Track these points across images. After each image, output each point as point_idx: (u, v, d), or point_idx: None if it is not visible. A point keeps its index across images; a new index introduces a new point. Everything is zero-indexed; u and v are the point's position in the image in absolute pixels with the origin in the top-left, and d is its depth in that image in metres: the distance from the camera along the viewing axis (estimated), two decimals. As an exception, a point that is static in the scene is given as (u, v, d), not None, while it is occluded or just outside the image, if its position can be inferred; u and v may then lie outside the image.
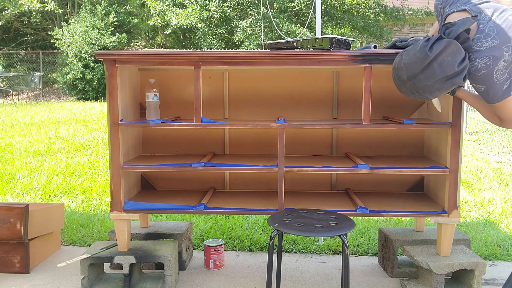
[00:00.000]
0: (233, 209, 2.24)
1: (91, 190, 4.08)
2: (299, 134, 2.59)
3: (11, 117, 9.18)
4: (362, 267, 2.60)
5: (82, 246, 2.91)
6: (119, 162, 2.18)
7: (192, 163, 2.23)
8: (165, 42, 16.54)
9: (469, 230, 3.12)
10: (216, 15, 13.53)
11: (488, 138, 6.70)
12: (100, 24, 13.49)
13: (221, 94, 2.58)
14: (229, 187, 2.64)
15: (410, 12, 14.59)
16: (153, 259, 2.21)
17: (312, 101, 2.55)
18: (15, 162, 5.11)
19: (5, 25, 15.72)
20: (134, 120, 2.40)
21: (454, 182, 2.13)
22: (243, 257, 2.75)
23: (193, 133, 2.62)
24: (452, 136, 2.11)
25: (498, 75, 1.64)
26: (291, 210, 2.04)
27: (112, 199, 2.20)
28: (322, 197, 2.47)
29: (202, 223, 3.20)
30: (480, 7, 1.70)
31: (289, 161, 2.32)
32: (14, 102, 13.02)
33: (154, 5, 13.78)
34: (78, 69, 13.15)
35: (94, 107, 11.09)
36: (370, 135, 2.57)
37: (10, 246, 2.48)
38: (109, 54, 2.11)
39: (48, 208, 2.68)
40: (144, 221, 2.62)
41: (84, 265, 2.20)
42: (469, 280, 2.20)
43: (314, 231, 1.76)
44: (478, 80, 1.68)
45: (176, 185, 2.64)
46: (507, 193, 4.08)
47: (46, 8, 14.20)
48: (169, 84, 2.58)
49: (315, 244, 2.86)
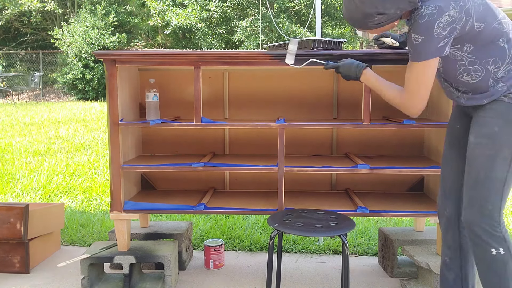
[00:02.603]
0: (233, 209, 2.24)
1: (91, 190, 4.08)
2: (299, 134, 2.59)
3: (11, 117, 9.18)
4: (362, 267, 2.60)
5: (82, 246, 2.91)
6: (119, 162, 2.18)
7: (192, 163, 2.23)
8: (165, 42, 16.54)
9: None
10: (216, 15, 13.54)
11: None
12: (100, 24, 13.50)
13: (221, 94, 2.58)
14: (229, 187, 2.64)
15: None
16: (153, 259, 2.21)
17: (312, 101, 2.55)
18: (15, 162, 5.12)
19: (5, 25, 15.73)
20: (134, 120, 2.40)
21: (454, 182, 2.13)
22: (243, 257, 2.75)
23: (193, 133, 2.62)
24: (452, 136, 2.10)
25: (439, 28, 1.56)
26: (291, 210, 2.04)
27: (112, 199, 2.20)
28: (322, 197, 2.47)
29: (202, 223, 3.20)
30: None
31: (289, 161, 2.32)
32: (14, 102, 13.02)
33: (154, 5, 13.79)
34: (78, 69, 13.16)
35: (94, 107, 11.09)
36: (370, 135, 2.57)
37: (10, 246, 2.48)
38: (109, 54, 2.11)
39: (48, 208, 2.68)
40: (144, 221, 2.62)
41: (84, 265, 2.20)
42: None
43: (314, 231, 1.76)
44: (418, 29, 1.59)
45: (176, 185, 2.64)
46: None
47: (46, 8, 14.20)
48: (169, 84, 2.58)
49: (315, 244, 2.86)
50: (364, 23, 1.69)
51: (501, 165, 1.60)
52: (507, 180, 1.62)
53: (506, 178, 1.61)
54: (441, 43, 1.58)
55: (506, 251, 1.62)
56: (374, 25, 1.68)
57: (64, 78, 13.54)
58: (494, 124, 1.62)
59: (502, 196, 1.63)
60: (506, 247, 1.62)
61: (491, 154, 1.61)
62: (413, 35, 1.61)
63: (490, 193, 1.62)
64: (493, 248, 1.62)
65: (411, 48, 1.64)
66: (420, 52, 1.62)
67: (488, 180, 1.62)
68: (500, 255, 1.62)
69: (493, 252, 1.62)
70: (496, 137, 1.60)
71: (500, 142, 1.60)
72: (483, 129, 1.65)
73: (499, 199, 1.62)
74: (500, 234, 1.62)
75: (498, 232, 1.62)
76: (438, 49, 1.60)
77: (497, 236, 1.62)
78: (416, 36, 1.60)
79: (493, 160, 1.61)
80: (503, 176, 1.61)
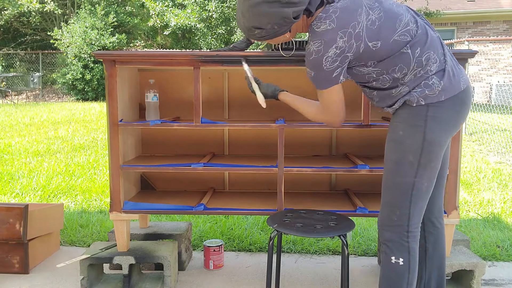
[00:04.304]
0: (233, 210, 2.24)
1: (91, 190, 4.07)
2: (299, 135, 2.59)
3: (10, 117, 9.17)
4: (362, 267, 2.60)
5: (81, 247, 2.91)
6: (119, 162, 2.18)
7: (191, 163, 2.23)
8: (165, 42, 16.54)
9: (469, 231, 3.12)
10: (216, 15, 13.53)
11: (487, 139, 6.71)
12: (99, 25, 13.48)
13: (221, 94, 2.58)
14: (229, 187, 2.64)
15: (410, 12, 14.57)
16: (153, 259, 2.21)
17: (311, 101, 2.55)
18: (14, 163, 5.11)
19: (5, 25, 15.72)
20: (134, 121, 2.40)
21: (453, 182, 2.13)
22: (242, 257, 2.75)
23: (193, 134, 2.62)
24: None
25: (328, 62, 1.54)
26: (290, 211, 2.04)
27: (112, 199, 2.20)
28: (321, 197, 2.47)
29: (202, 223, 3.20)
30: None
31: (289, 162, 2.32)
32: (13, 103, 13.01)
33: (154, 6, 13.78)
34: (77, 69, 13.15)
35: (93, 107, 11.08)
36: (369, 136, 2.57)
37: (10, 247, 2.48)
38: (109, 54, 2.11)
39: (48, 208, 2.68)
40: (143, 221, 2.62)
41: (84, 265, 2.20)
42: (468, 280, 2.20)
43: (314, 232, 1.76)
44: (308, 64, 1.59)
45: (175, 185, 2.64)
46: (507, 193, 4.08)
47: (46, 8, 14.19)
48: (169, 84, 2.58)
49: (315, 244, 2.86)
50: (249, 35, 1.69)
51: (407, 170, 1.56)
52: (416, 186, 1.57)
53: (414, 183, 1.56)
54: (334, 74, 1.57)
55: (405, 262, 1.57)
56: (257, 37, 1.68)
57: (63, 79, 13.52)
58: (399, 129, 1.60)
59: (411, 203, 1.57)
60: (407, 259, 1.58)
61: (397, 158, 1.59)
62: (307, 68, 1.62)
63: (397, 199, 1.59)
64: (394, 256, 1.58)
65: (311, 80, 1.64)
66: (317, 83, 1.63)
67: (394, 185, 1.59)
68: (398, 266, 1.58)
69: (392, 260, 1.59)
70: (401, 141, 1.58)
71: (404, 147, 1.57)
72: (390, 134, 1.64)
73: (407, 205, 1.57)
74: (406, 243, 1.58)
75: (403, 241, 1.58)
76: (333, 79, 1.59)
77: (401, 245, 1.58)
78: (308, 70, 1.61)
79: (398, 164, 1.58)
80: (410, 182, 1.56)
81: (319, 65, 1.56)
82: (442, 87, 1.55)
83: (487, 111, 8.46)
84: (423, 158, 1.55)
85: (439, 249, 1.82)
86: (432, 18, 14.00)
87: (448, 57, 1.60)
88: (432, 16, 13.87)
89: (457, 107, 1.58)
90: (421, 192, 1.58)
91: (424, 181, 1.58)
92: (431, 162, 1.57)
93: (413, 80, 1.57)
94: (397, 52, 1.55)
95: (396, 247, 1.59)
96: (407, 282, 1.58)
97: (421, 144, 1.55)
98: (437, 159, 1.58)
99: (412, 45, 1.55)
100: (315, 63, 1.56)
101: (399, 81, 1.59)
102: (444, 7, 15.07)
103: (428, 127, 1.55)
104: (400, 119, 1.61)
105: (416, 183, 1.57)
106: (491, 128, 6.93)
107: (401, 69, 1.56)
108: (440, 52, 1.59)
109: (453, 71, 1.59)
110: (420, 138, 1.55)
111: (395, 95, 1.61)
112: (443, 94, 1.55)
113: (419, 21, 1.61)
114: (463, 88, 1.59)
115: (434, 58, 1.56)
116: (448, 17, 15.35)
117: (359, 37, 1.52)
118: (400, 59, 1.55)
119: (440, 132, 1.56)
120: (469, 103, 1.62)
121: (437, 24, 15.85)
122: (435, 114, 1.55)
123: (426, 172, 1.57)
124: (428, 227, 1.81)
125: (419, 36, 1.56)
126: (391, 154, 1.61)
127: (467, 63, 2.12)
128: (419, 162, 1.56)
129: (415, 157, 1.55)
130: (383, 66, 1.58)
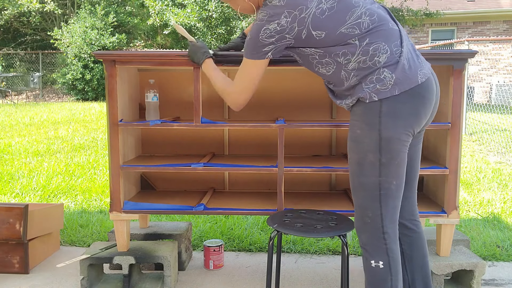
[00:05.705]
0: (233, 210, 2.24)
1: (91, 190, 4.08)
2: (299, 135, 2.59)
3: (10, 117, 9.17)
4: (362, 267, 2.60)
5: (81, 247, 2.91)
6: (119, 162, 2.18)
7: (191, 163, 2.23)
8: (165, 42, 16.54)
9: (469, 231, 3.12)
10: (215, 15, 13.53)
11: (487, 139, 6.71)
12: (99, 25, 13.49)
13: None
14: (229, 187, 2.64)
15: (410, 13, 14.59)
16: (153, 259, 2.21)
17: (311, 101, 2.55)
18: (14, 163, 5.11)
19: (5, 25, 15.73)
20: (134, 121, 2.40)
21: (453, 182, 2.13)
22: (242, 257, 2.75)
23: (193, 134, 2.62)
24: (451, 136, 2.11)
25: (265, 34, 1.53)
26: (290, 211, 2.04)
27: (112, 199, 2.20)
28: (321, 197, 2.47)
29: (202, 223, 3.20)
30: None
31: (289, 162, 2.32)
32: (13, 103, 13.01)
33: (153, 5, 13.78)
34: (77, 69, 13.16)
35: (93, 107, 11.09)
36: (369, 136, 2.57)
37: (9, 247, 2.48)
38: (109, 54, 2.11)
39: (48, 208, 2.68)
40: (143, 221, 2.62)
41: (84, 265, 2.20)
42: (468, 280, 2.20)
43: (314, 232, 1.76)
44: (251, 28, 1.59)
45: (175, 185, 2.64)
46: (507, 193, 4.08)
47: (46, 8, 14.19)
48: (169, 84, 2.58)
49: (315, 244, 2.86)
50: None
51: (370, 170, 1.51)
52: (383, 185, 1.50)
53: (379, 183, 1.50)
54: (265, 48, 1.56)
55: (386, 265, 1.52)
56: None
57: (63, 79, 13.53)
58: (357, 127, 1.55)
59: (382, 203, 1.51)
60: (387, 261, 1.52)
61: (358, 159, 1.53)
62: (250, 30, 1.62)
63: (366, 200, 1.54)
64: (373, 259, 1.54)
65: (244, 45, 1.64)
66: (246, 48, 1.62)
67: (361, 186, 1.54)
68: (379, 269, 1.53)
69: (372, 264, 1.54)
70: (359, 140, 1.53)
71: (363, 146, 1.51)
72: (350, 133, 1.59)
73: (377, 206, 1.52)
74: (383, 245, 1.53)
75: (381, 243, 1.53)
76: (262, 52, 1.58)
77: (379, 247, 1.53)
78: (250, 33, 1.61)
79: (361, 165, 1.52)
80: (375, 181, 1.50)
81: (256, 33, 1.56)
82: (394, 80, 1.47)
83: (487, 111, 8.47)
84: (384, 156, 1.49)
85: (417, 249, 1.74)
86: (433, 18, 14.01)
87: (405, 49, 1.52)
88: (432, 16, 13.88)
89: (414, 101, 1.49)
90: (391, 191, 1.52)
91: (391, 179, 1.51)
92: (394, 159, 1.49)
93: (359, 70, 1.51)
94: (343, 43, 1.51)
95: (374, 250, 1.54)
96: (390, 285, 1.53)
97: (378, 143, 1.49)
98: (400, 155, 1.50)
99: (361, 37, 1.50)
100: (255, 29, 1.57)
101: (342, 67, 1.53)
102: (444, 7, 15.09)
103: (383, 124, 1.48)
104: (356, 116, 1.55)
105: (382, 182, 1.50)
106: (491, 128, 6.93)
107: (345, 55, 1.51)
108: (396, 43, 1.51)
109: (409, 64, 1.50)
110: (376, 137, 1.49)
111: (347, 89, 1.56)
112: (397, 88, 1.48)
113: (380, 13, 1.55)
114: (421, 82, 1.50)
115: (384, 49, 1.49)
116: (448, 17, 15.37)
117: (302, 22, 1.50)
118: (345, 47, 1.51)
119: (397, 128, 1.48)
120: (429, 96, 1.53)
121: (437, 24, 15.87)
122: (389, 109, 1.48)
123: (390, 171, 1.50)
124: (401, 229, 1.72)
125: (372, 29, 1.50)
126: (353, 154, 1.56)
127: (467, 63, 2.12)
128: (380, 161, 1.49)
129: (375, 156, 1.49)
130: (326, 49, 1.53)
